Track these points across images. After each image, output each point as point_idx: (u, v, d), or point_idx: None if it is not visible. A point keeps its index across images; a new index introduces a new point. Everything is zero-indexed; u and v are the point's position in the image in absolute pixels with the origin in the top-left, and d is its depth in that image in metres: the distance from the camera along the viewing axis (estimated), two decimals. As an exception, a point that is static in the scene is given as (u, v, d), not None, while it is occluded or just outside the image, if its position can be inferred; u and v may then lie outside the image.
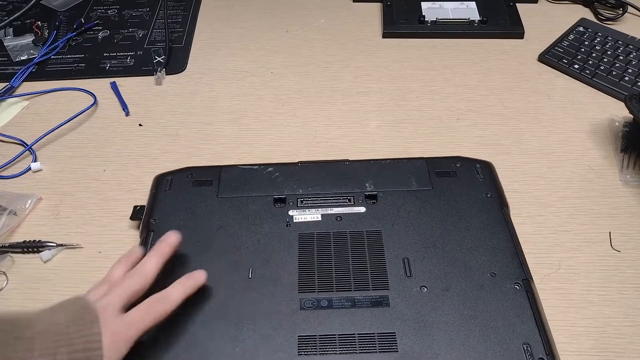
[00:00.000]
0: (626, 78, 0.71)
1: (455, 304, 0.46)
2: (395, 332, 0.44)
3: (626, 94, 0.66)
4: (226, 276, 0.48)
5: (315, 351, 0.42)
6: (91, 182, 0.62)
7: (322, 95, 0.73)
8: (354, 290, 0.46)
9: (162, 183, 0.56)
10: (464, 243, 0.50)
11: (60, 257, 0.55)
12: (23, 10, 0.80)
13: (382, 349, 0.43)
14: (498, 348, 0.42)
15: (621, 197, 0.59)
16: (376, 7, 0.87)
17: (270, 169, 0.57)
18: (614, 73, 0.72)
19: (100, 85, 0.74)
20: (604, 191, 0.60)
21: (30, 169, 0.63)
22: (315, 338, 0.43)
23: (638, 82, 0.71)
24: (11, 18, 0.79)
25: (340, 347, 0.43)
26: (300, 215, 0.52)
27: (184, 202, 0.54)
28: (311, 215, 0.52)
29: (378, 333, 0.44)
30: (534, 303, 0.45)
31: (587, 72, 0.73)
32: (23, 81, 0.75)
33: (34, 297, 0.52)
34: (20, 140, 0.67)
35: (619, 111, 0.67)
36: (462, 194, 0.54)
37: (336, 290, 0.46)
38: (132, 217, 0.56)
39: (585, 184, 0.61)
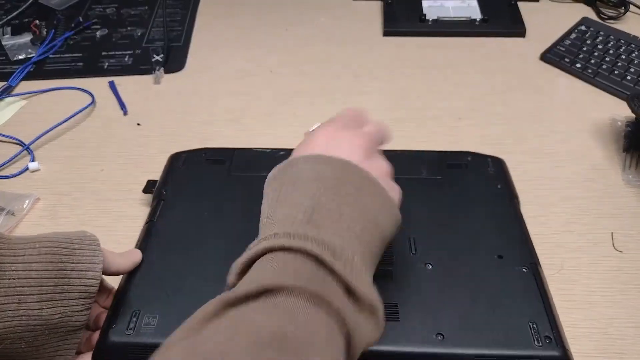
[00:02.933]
0: (628, 77, 0.71)
1: (460, 282, 0.45)
2: (397, 303, 0.43)
3: (628, 93, 0.66)
4: (231, 240, 0.47)
5: None
6: (89, 182, 0.62)
7: (322, 95, 0.72)
8: None
9: (177, 160, 0.57)
10: (472, 227, 0.49)
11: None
12: (21, 9, 0.79)
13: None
14: (503, 325, 0.42)
15: (624, 197, 0.58)
16: (377, 6, 0.87)
17: (282, 153, 0.57)
18: (616, 72, 0.72)
19: (98, 85, 0.74)
20: (606, 191, 0.59)
21: (28, 168, 0.63)
22: None
23: (640, 81, 0.70)
24: (9, 17, 0.78)
25: None
26: None
27: (196, 176, 0.55)
28: None
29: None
30: (541, 285, 0.45)
31: (589, 71, 0.73)
32: (21, 80, 0.75)
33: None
34: (18, 140, 0.66)
35: (621, 111, 0.66)
36: (472, 184, 0.54)
37: None
38: (145, 190, 0.57)
39: (587, 184, 0.60)
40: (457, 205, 0.52)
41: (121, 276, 0.46)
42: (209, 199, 0.52)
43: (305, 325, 0.25)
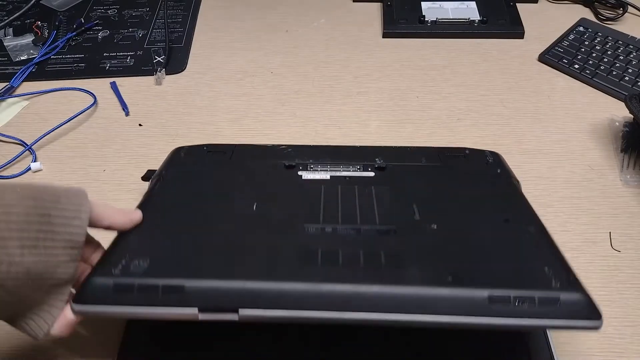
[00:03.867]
0: (626, 78, 0.71)
1: (467, 238, 0.43)
2: (401, 252, 0.40)
3: (626, 94, 0.66)
4: (230, 211, 0.47)
5: (317, 263, 0.39)
6: (91, 183, 0.62)
7: (322, 95, 0.73)
8: (360, 223, 0.44)
9: (179, 151, 0.57)
10: (475, 196, 0.49)
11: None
12: (23, 10, 0.80)
13: (388, 264, 0.39)
14: (518, 269, 0.39)
15: (621, 197, 0.59)
16: (376, 7, 0.87)
17: (282, 147, 0.58)
18: (614, 73, 0.72)
19: (100, 85, 0.74)
20: (604, 191, 0.60)
21: (30, 169, 0.63)
22: (318, 252, 0.40)
23: (638, 82, 0.71)
24: (11, 18, 0.79)
25: (343, 262, 0.39)
26: (309, 175, 0.52)
27: (196, 162, 0.55)
28: (320, 175, 0.52)
29: (384, 252, 0.40)
30: (551, 241, 0.43)
31: (588, 72, 0.73)
32: (23, 81, 0.75)
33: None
34: (20, 141, 0.67)
35: (619, 111, 0.67)
36: (471, 169, 0.54)
37: (341, 223, 0.44)
38: (144, 178, 0.57)
39: (585, 184, 0.61)
40: (459, 184, 0.51)
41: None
42: (208, 178, 0.52)
43: None
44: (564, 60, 0.75)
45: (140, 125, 0.69)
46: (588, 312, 0.36)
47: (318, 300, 0.36)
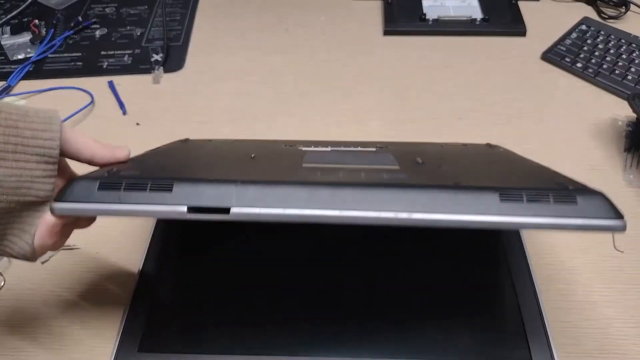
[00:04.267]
0: (629, 77, 0.71)
1: (477, 168, 0.42)
2: (406, 176, 0.38)
3: (629, 92, 0.66)
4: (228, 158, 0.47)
5: (317, 175, 0.38)
6: (88, 182, 0.61)
7: (322, 95, 0.72)
8: (362, 165, 0.43)
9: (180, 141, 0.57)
10: (482, 160, 0.49)
11: (58, 257, 0.54)
12: (20, 8, 0.79)
13: (389, 184, 0.35)
14: (533, 180, 0.38)
15: (624, 198, 0.58)
16: (377, 5, 0.86)
17: (284, 141, 0.58)
18: (616, 72, 0.71)
19: (97, 84, 0.74)
20: (607, 191, 0.59)
21: (26, 168, 0.63)
22: (318, 170, 0.39)
23: (641, 80, 0.70)
24: (8, 16, 0.78)
25: (342, 174, 0.38)
26: (310, 149, 0.51)
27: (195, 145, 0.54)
28: (321, 149, 0.50)
29: (384, 169, 0.39)
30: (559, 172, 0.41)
31: (590, 70, 0.72)
32: (20, 80, 0.75)
33: (31, 297, 0.51)
34: (17, 140, 0.66)
35: (622, 110, 0.66)
36: (474, 151, 0.54)
37: (344, 162, 0.44)
38: None
39: (588, 183, 0.60)
40: (464, 155, 0.51)
41: None
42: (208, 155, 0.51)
43: None
44: (566, 59, 0.74)
45: (137, 124, 0.68)
46: (608, 212, 0.33)
47: (317, 200, 0.32)
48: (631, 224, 0.55)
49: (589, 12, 0.83)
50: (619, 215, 0.33)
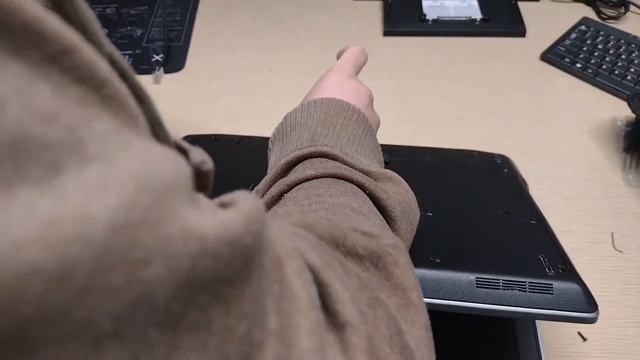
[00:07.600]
0: (628, 77, 0.71)
1: (465, 225, 0.41)
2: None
3: (629, 93, 0.66)
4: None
5: None
6: (89, 182, 0.61)
7: (322, 94, 0.72)
8: None
9: (186, 139, 0.57)
10: (476, 190, 0.48)
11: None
12: (21, 8, 0.79)
13: None
14: (514, 259, 0.38)
15: (624, 198, 0.58)
16: (377, 5, 0.87)
17: None
18: (616, 72, 0.72)
19: (98, 84, 0.74)
20: (606, 191, 0.59)
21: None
22: None
23: (640, 81, 0.70)
24: (9, 16, 0.78)
25: None
26: None
27: (203, 145, 0.55)
28: None
29: None
30: (551, 233, 0.42)
31: (590, 71, 0.72)
32: (21, 80, 0.75)
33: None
34: (18, 140, 0.66)
35: (621, 110, 0.66)
36: (478, 167, 0.53)
37: None
38: None
39: (587, 184, 0.60)
40: (462, 178, 0.50)
41: None
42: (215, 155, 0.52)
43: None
44: (566, 59, 0.74)
45: (138, 124, 0.69)
46: (583, 303, 0.34)
47: None
48: (631, 223, 0.56)
49: (589, 12, 0.83)
50: (593, 307, 0.34)
